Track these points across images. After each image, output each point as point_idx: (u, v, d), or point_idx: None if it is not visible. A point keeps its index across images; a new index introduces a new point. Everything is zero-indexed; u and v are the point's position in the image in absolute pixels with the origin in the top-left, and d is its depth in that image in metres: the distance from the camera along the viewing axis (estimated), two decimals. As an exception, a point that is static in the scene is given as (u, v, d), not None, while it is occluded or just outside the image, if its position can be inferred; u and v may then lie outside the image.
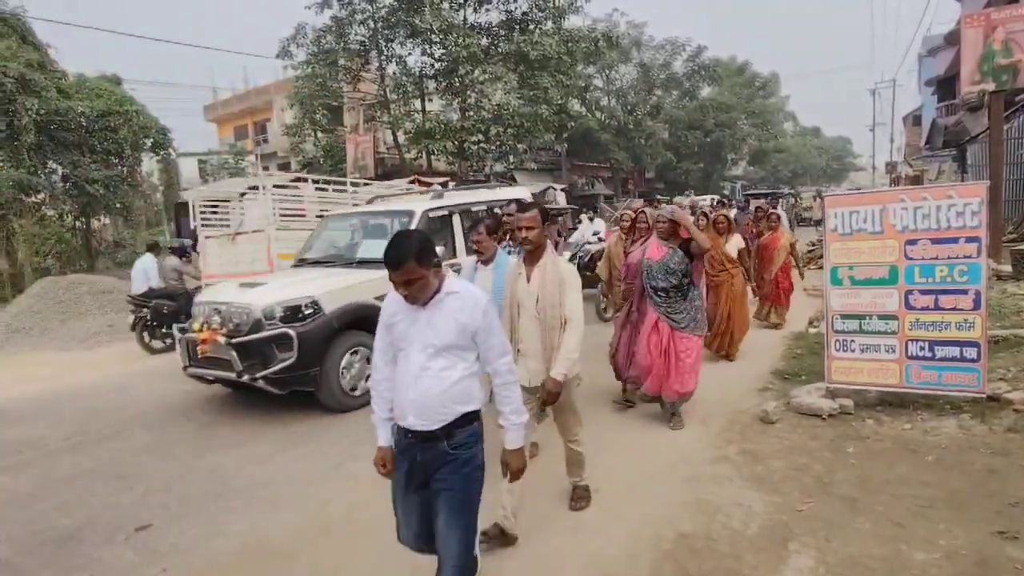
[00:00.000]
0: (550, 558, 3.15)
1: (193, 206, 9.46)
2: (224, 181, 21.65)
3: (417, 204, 6.82)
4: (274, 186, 9.15)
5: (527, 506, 3.66)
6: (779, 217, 8.29)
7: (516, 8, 19.77)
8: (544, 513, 3.59)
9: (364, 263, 6.14)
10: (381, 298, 4.58)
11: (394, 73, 20.51)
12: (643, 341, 4.92)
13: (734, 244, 6.99)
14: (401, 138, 20.90)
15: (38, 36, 15.78)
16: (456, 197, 7.35)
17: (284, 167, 27.29)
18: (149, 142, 17.63)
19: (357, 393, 5.76)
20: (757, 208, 11.12)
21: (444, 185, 14.99)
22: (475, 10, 19.91)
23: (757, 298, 8.46)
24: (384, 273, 2.40)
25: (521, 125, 18.95)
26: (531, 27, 19.72)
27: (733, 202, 17.44)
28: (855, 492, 3.58)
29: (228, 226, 9.47)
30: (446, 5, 18.98)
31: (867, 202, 4.80)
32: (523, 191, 8.63)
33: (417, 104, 21.03)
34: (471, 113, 19.35)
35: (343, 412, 5.64)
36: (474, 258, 4.39)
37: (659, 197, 30.36)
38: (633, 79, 31.94)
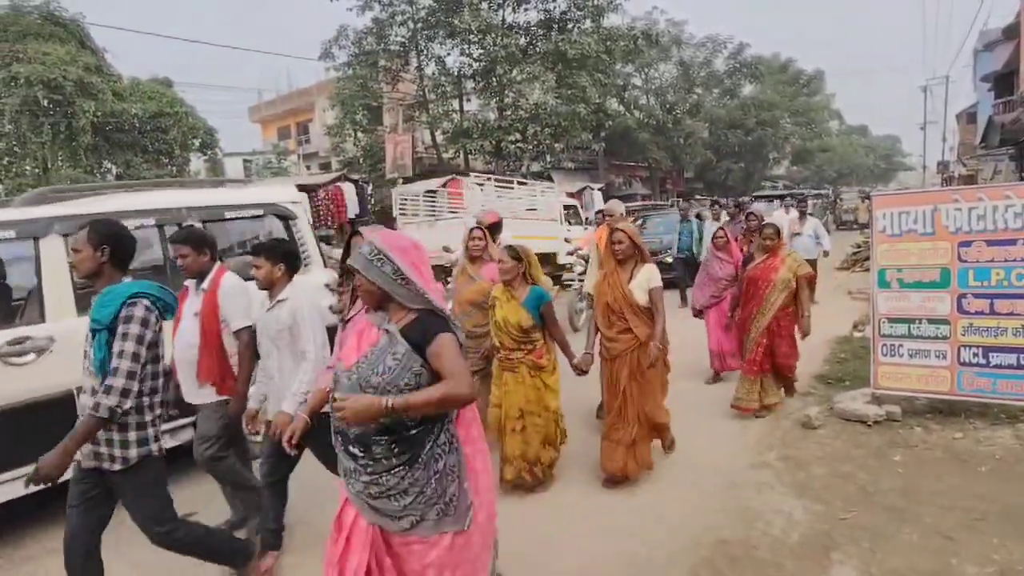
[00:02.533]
0: (585, 560, 3.14)
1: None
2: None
3: None
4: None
5: (562, 507, 3.67)
6: (778, 232, 5.11)
7: (555, 7, 19.72)
8: (580, 514, 3.59)
9: None
10: None
11: (433, 73, 20.69)
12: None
13: (642, 281, 3.82)
14: (439, 138, 21.09)
15: (95, 41, 16.45)
16: (80, 204, 4.04)
17: (325, 166, 27.87)
18: (197, 142, 18.23)
19: None
20: (748, 215, 6.94)
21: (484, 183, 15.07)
22: (514, 10, 19.93)
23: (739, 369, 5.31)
24: None
25: (558, 124, 18.89)
26: (569, 26, 19.64)
27: (716, 207, 11.37)
28: (901, 502, 3.47)
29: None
30: (485, 5, 19.04)
31: (917, 202, 4.65)
32: (259, 192, 5.22)
33: (455, 104, 21.17)
34: (508, 112, 19.38)
35: None
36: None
37: (698, 196, 29.89)
38: (672, 77, 31.49)
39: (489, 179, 12.10)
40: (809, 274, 5.14)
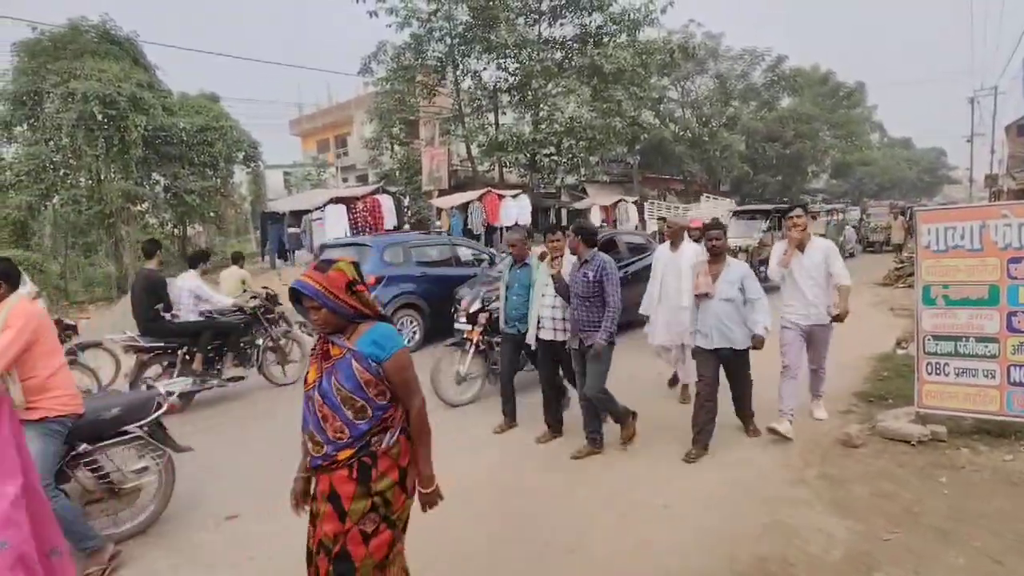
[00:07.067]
0: (620, 572, 3.13)
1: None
2: (306, 192, 22.77)
3: None
4: None
5: (595, 520, 3.67)
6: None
7: (591, 22, 19.84)
8: (614, 527, 3.58)
9: None
10: None
11: (469, 87, 20.99)
12: None
13: None
14: (474, 151, 21.33)
15: (148, 58, 17.15)
16: None
17: (362, 179, 28.45)
18: (241, 155, 18.74)
19: None
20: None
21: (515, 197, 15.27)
22: (550, 25, 20.14)
23: None
24: None
25: (593, 137, 18.95)
26: (605, 40, 19.72)
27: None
28: (947, 524, 3.38)
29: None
30: (521, 21, 19.28)
31: (964, 217, 4.55)
32: None
33: (491, 117, 21.42)
34: (543, 126, 19.50)
35: None
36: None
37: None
38: (709, 90, 31.30)
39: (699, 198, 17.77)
40: None
